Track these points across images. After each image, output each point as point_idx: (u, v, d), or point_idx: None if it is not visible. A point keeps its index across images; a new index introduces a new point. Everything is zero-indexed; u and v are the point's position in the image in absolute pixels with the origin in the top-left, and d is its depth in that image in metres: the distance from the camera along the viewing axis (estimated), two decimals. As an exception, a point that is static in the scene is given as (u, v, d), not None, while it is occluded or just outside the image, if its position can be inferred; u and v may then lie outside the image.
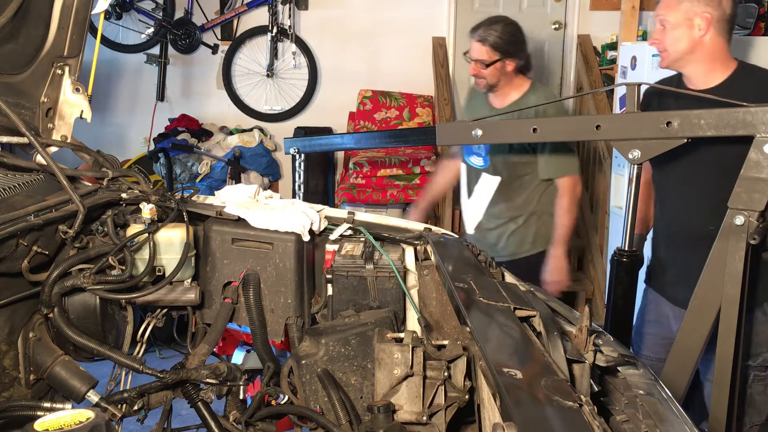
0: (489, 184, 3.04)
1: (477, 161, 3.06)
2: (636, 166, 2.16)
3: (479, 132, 2.29)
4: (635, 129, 2.09)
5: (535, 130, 2.21)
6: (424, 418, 1.31)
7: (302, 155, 3.12)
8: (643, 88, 2.37)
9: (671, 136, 2.03)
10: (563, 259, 2.94)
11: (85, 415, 0.99)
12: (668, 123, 2.03)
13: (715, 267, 2.01)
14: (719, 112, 1.97)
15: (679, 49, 2.26)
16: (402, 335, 1.37)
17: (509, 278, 1.67)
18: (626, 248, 2.28)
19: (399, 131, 2.96)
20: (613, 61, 4.91)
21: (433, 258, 1.68)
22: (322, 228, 1.76)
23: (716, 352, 2.02)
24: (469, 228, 3.17)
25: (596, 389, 1.09)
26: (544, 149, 2.89)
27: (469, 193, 3.13)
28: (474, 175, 3.08)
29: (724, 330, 1.99)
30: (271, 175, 5.39)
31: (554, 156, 2.91)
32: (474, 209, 3.12)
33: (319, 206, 1.86)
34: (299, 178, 3.17)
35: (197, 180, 5.06)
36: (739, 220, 1.94)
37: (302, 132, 5.15)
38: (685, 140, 2.03)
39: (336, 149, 3.09)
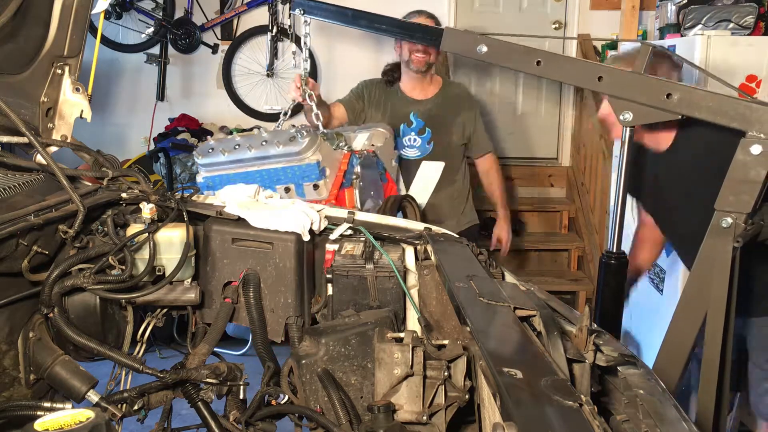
0: (433, 170, 3.25)
1: (412, 153, 3.25)
2: (628, 128, 2.14)
3: (484, 48, 2.24)
4: (635, 91, 2.06)
5: (539, 62, 2.17)
6: (424, 417, 1.31)
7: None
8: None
9: (667, 109, 2.02)
10: (509, 218, 3.52)
11: (85, 415, 0.99)
12: (668, 95, 2.00)
13: (702, 269, 2.00)
14: (721, 98, 1.95)
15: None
16: (402, 335, 1.37)
17: (509, 278, 1.67)
18: (614, 250, 2.25)
19: (407, 23, 2.84)
20: (614, 60, 4.90)
21: (433, 258, 1.68)
22: (322, 228, 1.76)
23: (703, 355, 2.02)
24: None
25: (596, 389, 1.09)
26: (477, 131, 3.35)
27: (407, 185, 3.20)
28: (409, 167, 3.21)
29: (710, 334, 1.98)
30: (271, 175, 5.38)
31: (484, 136, 3.40)
32: (418, 197, 3.16)
33: (319, 206, 1.86)
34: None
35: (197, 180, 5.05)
36: (726, 222, 1.92)
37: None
38: (680, 117, 2.02)
39: (342, 23, 2.92)
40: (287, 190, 2.27)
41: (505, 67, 2.46)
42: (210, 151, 2.33)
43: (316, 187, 2.23)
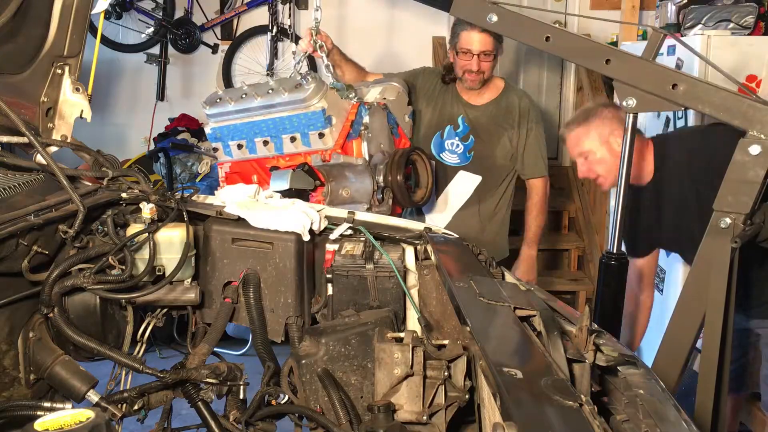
0: (468, 182, 2.97)
1: (451, 158, 2.97)
2: (631, 115, 2.11)
3: (494, 17, 2.19)
4: (642, 78, 2.03)
5: (548, 38, 2.13)
6: (425, 417, 1.31)
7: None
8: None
9: (671, 99, 2.00)
10: (535, 259, 3.01)
11: (85, 414, 0.99)
12: (674, 85, 1.98)
13: (701, 269, 1.99)
14: (725, 95, 1.94)
15: (612, 169, 2.27)
16: (402, 335, 1.37)
17: (509, 278, 1.67)
18: (614, 251, 2.23)
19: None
20: (613, 60, 4.90)
21: (433, 258, 1.68)
22: (322, 228, 1.76)
23: (701, 355, 2.02)
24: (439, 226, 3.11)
25: (596, 389, 1.09)
26: (528, 150, 2.93)
27: (438, 192, 2.98)
28: (444, 172, 2.97)
29: (708, 334, 1.98)
30: (271, 175, 5.38)
31: (538, 157, 2.96)
32: (445, 209, 3.00)
33: (319, 206, 1.86)
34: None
35: (197, 180, 5.05)
36: (725, 222, 1.91)
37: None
38: (682, 109, 2.01)
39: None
40: (293, 139, 2.21)
41: (514, 39, 2.36)
42: (218, 101, 2.28)
43: (321, 135, 2.17)
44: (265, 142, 2.26)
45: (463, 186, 2.98)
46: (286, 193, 2.17)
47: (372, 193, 2.26)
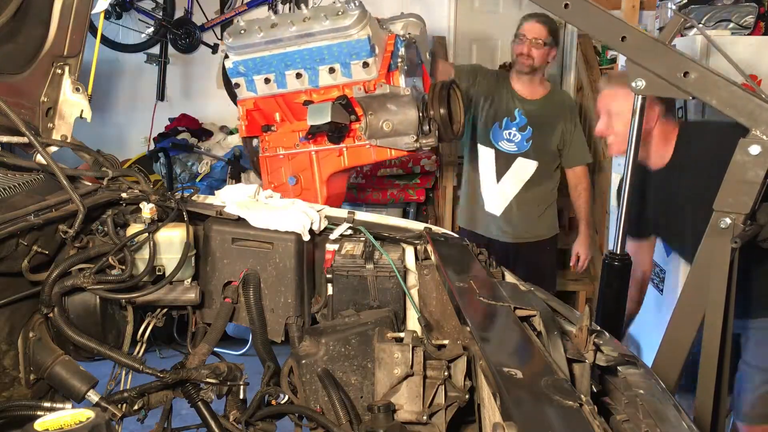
0: (526, 168, 3.40)
1: (509, 147, 3.38)
2: (640, 97, 2.08)
3: None
4: (655, 61, 1.98)
5: (566, 5, 2.06)
6: (425, 417, 1.31)
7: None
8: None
9: (681, 87, 1.96)
10: (589, 236, 3.56)
11: (85, 414, 0.99)
12: (686, 73, 1.94)
13: (700, 269, 1.99)
14: (734, 90, 1.91)
15: (626, 139, 2.19)
16: (402, 335, 1.37)
17: (509, 278, 1.67)
18: (618, 251, 2.22)
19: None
20: (614, 60, 4.90)
21: (433, 258, 1.68)
22: (322, 228, 1.76)
23: (701, 355, 2.01)
24: (496, 210, 3.47)
25: (596, 389, 1.09)
26: (576, 139, 3.44)
27: (498, 177, 3.39)
28: (504, 160, 3.38)
29: (708, 334, 1.97)
30: (271, 175, 5.37)
31: (584, 146, 3.49)
32: (504, 192, 3.41)
33: (319, 206, 1.86)
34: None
35: (197, 180, 5.05)
36: (725, 222, 1.91)
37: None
38: (689, 98, 1.99)
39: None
40: (332, 70, 2.11)
41: (532, 1, 2.30)
42: (242, 31, 2.13)
43: (366, 65, 2.08)
44: (298, 75, 2.14)
45: (521, 172, 3.40)
46: (326, 127, 2.09)
47: (418, 124, 2.20)
